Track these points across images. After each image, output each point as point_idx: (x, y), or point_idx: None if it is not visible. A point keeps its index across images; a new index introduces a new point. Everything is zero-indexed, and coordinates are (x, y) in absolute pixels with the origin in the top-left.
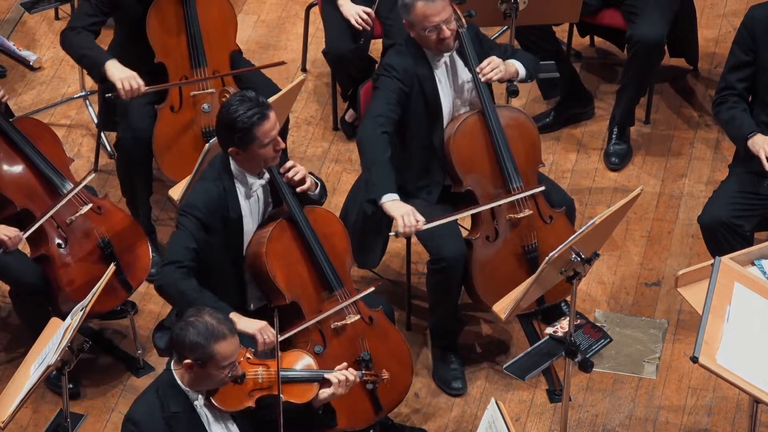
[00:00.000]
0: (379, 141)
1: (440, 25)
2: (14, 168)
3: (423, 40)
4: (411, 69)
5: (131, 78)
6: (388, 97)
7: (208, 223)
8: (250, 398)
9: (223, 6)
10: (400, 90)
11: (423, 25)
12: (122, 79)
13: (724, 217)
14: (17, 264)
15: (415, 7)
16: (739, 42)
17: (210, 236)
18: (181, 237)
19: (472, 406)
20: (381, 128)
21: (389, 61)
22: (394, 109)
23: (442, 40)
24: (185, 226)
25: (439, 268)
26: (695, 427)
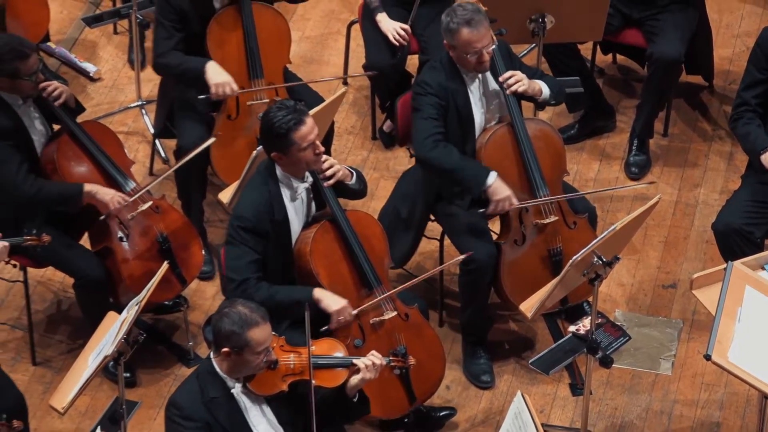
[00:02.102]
0: (446, 151)
1: (481, 50)
2: (82, 167)
3: (462, 62)
4: (444, 84)
5: (226, 84)
6: (430, 114)
7: (258, 229)
8: (283, 383)
9: (279, 22)
10: (438, 104)
11: (465, 50)
12: (218, 84)
13: (737, 225)
14: (81, 257)
15: (460, 32)
16: (753, 61)
17: (262, 238)
18: (241, 252)
19: (499, 399)
20: (439, 143)
21: (424, 79)
22: (438, 123)
23: (480, 63)
24: (240, 240)
25: (470, 269)
26: (707, 420)
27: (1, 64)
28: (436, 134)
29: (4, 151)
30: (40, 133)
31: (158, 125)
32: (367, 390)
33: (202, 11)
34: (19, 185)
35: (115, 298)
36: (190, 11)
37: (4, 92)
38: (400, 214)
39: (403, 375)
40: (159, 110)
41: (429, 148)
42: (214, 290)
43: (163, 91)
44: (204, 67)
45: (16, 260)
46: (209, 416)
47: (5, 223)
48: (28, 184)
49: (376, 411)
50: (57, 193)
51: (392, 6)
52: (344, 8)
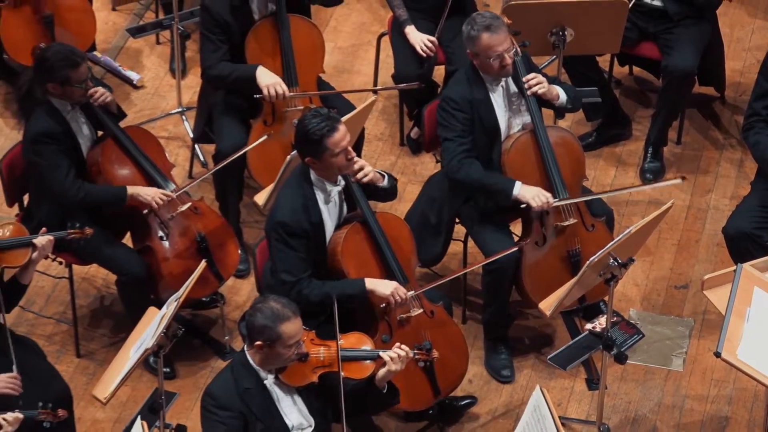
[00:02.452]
0: (473, 167)
1: (503, 53)
2: (124, 169)
3: (486, 68)
4: (468, 96)
5: (277, 84)
6: (456, 132)
7: (299, 231)
8: (314, 374)
9: (313, 34)
10: (464, 119)
11: (487, 54)
12: (269, 85)
13: (746, 229)
14: (123, 255)
15: (480, 38)
16: (764, 73)
17: (304, 238)
18: (289, 255)
19: (519, 392)
20: (464, 161)
21: (449, 95)
22: (464, 140)
23: (503, 67)
24: (285, 244)
25: (493, 269)
26: (717, 414)
27: (53, 71)
28: (462, 152)
29: (55, 157)
30: (87, 137)
31: (197, 130)
32: (395, 382)
33: (243, 23)
34: (67, 190)
35: (156, 294)
36: (231, 23)
37: (55, 98)
38: (429, 218)
39: (427, 368)
40: (198, 116)
41: (456, 169)
42: (249, 287)
43: (203, 98)
44: (254, 72)
45: (62, 257)
46: (243, 406)
47: (52, 222)
48: (75, 189)
49: (403, 403)
50: (103, 196)
51: (420, 19)
52: (374, 21)
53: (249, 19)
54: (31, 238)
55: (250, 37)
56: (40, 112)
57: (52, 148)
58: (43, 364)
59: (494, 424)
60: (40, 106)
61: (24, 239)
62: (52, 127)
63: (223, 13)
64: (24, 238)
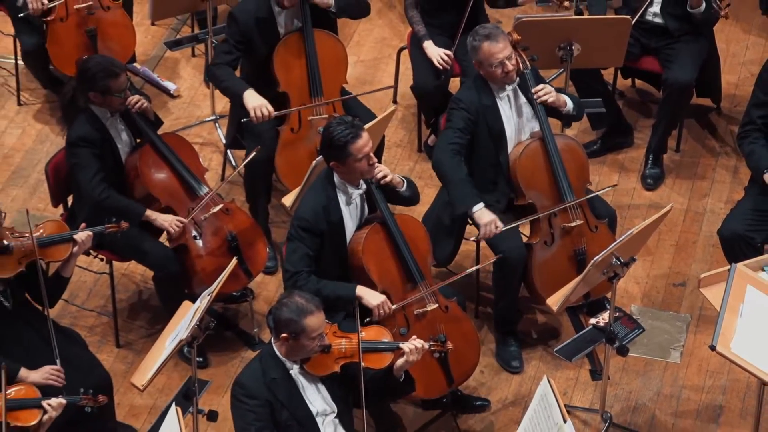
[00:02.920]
0: (456, 164)
1: (503, 60)
2: (161, 173)
3: (490, 76)
4: (476, 101)
5: (263, 106)
6: (457, 126)
7: (314, 228)
8: (336, 365)
9: (337, 48)
10: (467, 119)
11: (489, 62)
12: (255, 108)
13: (740, 231)
14: (160, 253)
15: (481, 47)
16: (760, 85)
17: (318, 237)
18: (297, 247)
19: (527, 382)
20: (455, 154)
21: (458, 96)
22: (462, 136)
23: (506, 73)
24: (297, 237)
25: (504, 267)
26: (712, 403)
27: (95, 81)
28: (456, 144)
29: (87, 158)
30: (125, 143)
31: (229, 137)
32: (411, 372)
33: (267, 36)
34: (92, 189)
35: (190, 289)
36: (255, 36)
37: (96, 106)
38: (443, 220)
39: (442, 359)
40: (230, 124)
41: (444, 152)
42: (277, 283)
43: (234, 108)
44: (243, 93)
45: (103, 254)
46: (270, 395)
47: (93, 222)
48: (98, 190)
49: (419, 391)
50: (121, 206)
51: (437, 34)
52: (395, 36)
53: (274, 33)
54: (71, 234)
55: (279, 49)
56: (81, 118)
57: (87, 152)
58: (85, 354)
59: (504, 412)
60: (82, 114)
61: (65, 235)
62: (90, 133)
63: (248, 24)
64: (65, 234)
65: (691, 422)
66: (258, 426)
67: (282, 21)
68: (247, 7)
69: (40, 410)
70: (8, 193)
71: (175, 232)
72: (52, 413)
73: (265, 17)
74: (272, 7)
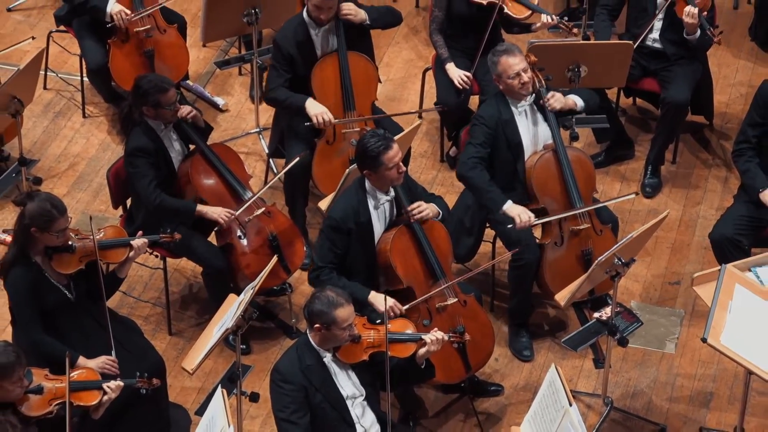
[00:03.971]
0: (480, 173)
1: (520, 72)
2: (210, 179)
3: (508, 88)
4: (496, 116)
5: (324, 113)
6: (479, 140)
7: (342, 227)
8: (365, 353)
9: (368, 68)
10: (487, 133)
11: (507, 74)
12: (317, 114)
13: (729, 235)
14: (208, 251)
15: (500, 61)
16: (754, 106)
17: (345, 236)
18: (324, 244)
19: (537, 370)
20: (477, 164)
21: (479, 113)
22: (482, 150)
23: (522, 84)
24: (326, 235)
25: (518, 265)
26: (703, 390)
27: (147, 96)
28: (478, 158)
29: (143, 167)
30: (178, 152)
31: (272, 147)
32: (432, 359)
33: (306, 57)
34: (148, 195)
35: (235, 283)
36: (296, 57)
37: (150, 119)
38: (464, 222)
39: (460, 349)
40: (272, 135)
41: (469, 168)
42: None
43: (276, 121)
44: (305, 102)
45: (158, 252)
46: (305, 380)
47: (150, 224)
48: (154, 196)
49: (440, 376)
50: (174, 207)
51: (458, 57)
52: (420, 58)
53: (312, 53)
54: (129, 240)
55: (316, 69)
56: (137, 130)
57: (143, 161)
58: (141, 341)
59: (516, 396)
60: (138, 126)
61: (123, 240)
62: (146, 144)
63: (290, 48)
64: (123, 239)
65: (684, 407)
66: (293, 408)
67: (318, 42)
68: (287, 33)
69: (101, 392)
70: (73, 197)
71: (225, 222)
72: (111, 394)
73: (303, 40)
74: (309, 30)
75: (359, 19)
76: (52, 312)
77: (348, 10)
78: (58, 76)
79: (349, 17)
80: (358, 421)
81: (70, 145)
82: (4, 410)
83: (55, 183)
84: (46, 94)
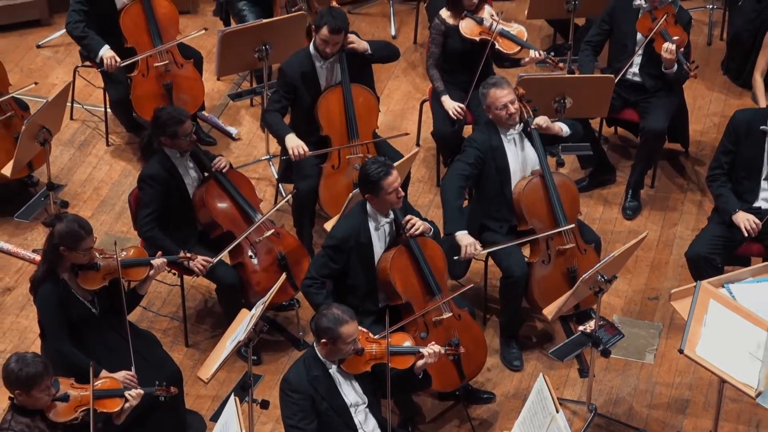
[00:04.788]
0: (457, 191)
1: (507, 104)
2: (223, 203)
3: (497, 118)
4: (487, 141)
5: (299, 146)
6: (467, 159)
7: (341, 246)
8: (367, 365)
9: (371, 99)
10: (477, 156)
11: (496, 105)
12: (292, 147)
13: (704, 254)
14: (222, 269)
15: (489, 93)
16: (726, 135)
17: (344, 254)
18: (320, 259)
19: (526, 379)
20: (459, 182)
21: (472, 136)
22: (470, 170)
23: (510, 115)
24: (324, 251)
25: (509, 282)
26: (680, 397)
27: (165, 127)
28: (463, 174)
29: (149, 197)
30: (193, 178)
31: (281, 173)
32: (429, 369)
33: (310, 88)
34: (142, 225)
35: (246, 299)
36: (300, 87)
37: (167, 148)
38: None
39: (455, 360)
40: (281, 162)
41: (451, 178)
42: None
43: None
44: (285, 136)
45: (176, 270)
46: (312, 389)
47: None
48: (147, 228)
49: (436, 385)
50: (159, 245)
51: (453, 90)
52: (417, 91)
53: (315, 84)
54: (150, 259)
55: (322, 100)
56: (154, 159)
57: (151, 191)
58: (159, 352)
59: (507, 403)
60: (156, 154)
61: (144, 260)
62: (157, 172)
63: (294, 78)
64: (144, 258)
65: (663, 413)
66: (301, 416)
67: (323, 75)
68: (293, 63)
69: (123, 399)
70: (97, 219)
71: (200, 270)
72: (132, 401)
73: (308, 71)
74: (314, 63)
75: (362, 48)
76: (77, 325)
77: (352, 40)
78: (84, 108)
79: (353, 46)
80: (361, 427)
81: (95, 171)
82: (33, 416)
83: (80, 206)
84: (73, 124)
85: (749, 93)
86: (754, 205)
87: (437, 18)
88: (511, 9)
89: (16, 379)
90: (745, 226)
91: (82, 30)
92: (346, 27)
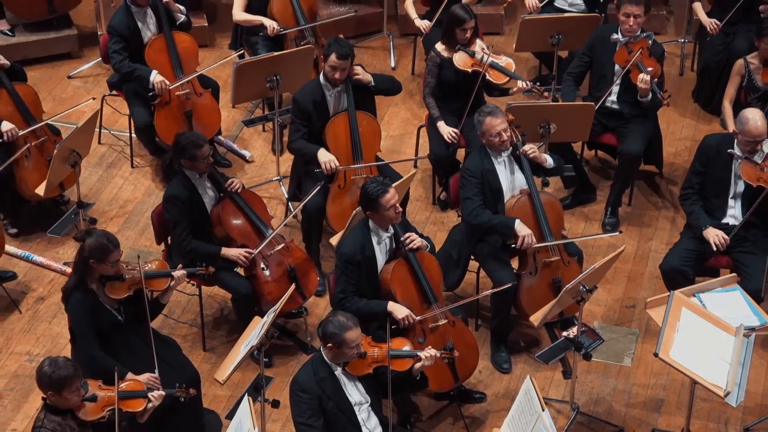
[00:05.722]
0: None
1: (501, 131)
2: (237, 220)
3: (490, 144)
4: (480, 167)
5: (331, 161)
6: (473, 193)
7: (353, 260)
8: (369, 367)
9: (373, 125)
10: (477, 184)
11: (490, 132)
12: (325, 162)
13: (676, 266)
14: (236, 280)
15: (484, 121)
16: (697, 157)
17: (356, 267)
18: (341, 278)
19: (515, 380)
20: (480, 212)
21: (467, 166)
22: (478, 198)
23: (502, 142)
24: (342, 269)
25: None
26: (655, 397)
27: (185, 151)
28: (478, 206)
29: (176, 214)
30: (211, 197)
31: (290, 192)
32: (426, 372)
33: (321, 114)
34: (179, 242)
35: (259, 307)
36: (312, 113)
37: (187, 169)
38: (452, 255)
39: (450, 363)
40: (291, 182)
41: (475, 216)
42: (325, 304)
43: (294, 170)
44: (317, 152)
45: (194, 281)
46: (319, 390)
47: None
48: (186, 243)
49: (432, 386)
50: (202, 251)
51: (448, 116)
52: (415, 117)
53: (325, 111)
54: (171, 271)
55: (330, 126)
56: (175, 180)
57: (177, 210)
58: (180, 356)
59: (497, 402)
60: (177, 175)
61: (166, 271)
62: (180, 192)
63: (307, 106)
64: (166, 270)
65: (639, 411)
66: (309, 414)
67: (332, 102)
68: (305, 92)
69: (146, 399)
70: (123, 234)
71: (243, 262)
72: (155, 402)
73: (318, 99)
74: (324, 91)
75: (366, 80)
76: (105, 331)
77: (357, 72)
78: (111, 133)
79: (358, 78)
80: (364, 424)
81: (121, 191)
82: (65, 415)
83: (107, 223)
84: (101, 148)
85: (718, 119)
86: (723, 221)
87: (433, 51)
88: (501, 42)
89: (49, 381)
90: (714, 241)
91: (129, 65)
92: (352, 53)
